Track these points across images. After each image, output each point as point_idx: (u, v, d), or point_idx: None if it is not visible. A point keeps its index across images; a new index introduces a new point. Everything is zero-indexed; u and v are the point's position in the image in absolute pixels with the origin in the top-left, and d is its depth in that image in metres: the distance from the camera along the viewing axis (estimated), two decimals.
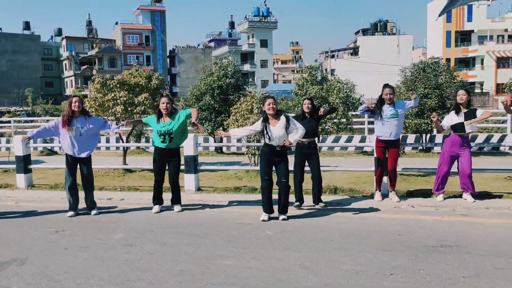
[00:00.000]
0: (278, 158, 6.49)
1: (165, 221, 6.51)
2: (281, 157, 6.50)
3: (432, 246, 5.15)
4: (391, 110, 7.30)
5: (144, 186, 9.54)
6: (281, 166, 6.52)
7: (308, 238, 5.52)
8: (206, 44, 75.82)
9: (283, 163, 6.51)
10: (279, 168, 6.54)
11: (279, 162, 6.51)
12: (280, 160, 6.50)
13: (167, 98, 6.89)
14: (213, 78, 14.08)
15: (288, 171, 6.54)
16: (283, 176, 6.49)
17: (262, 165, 6.60)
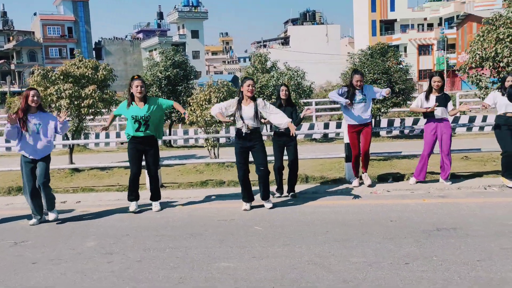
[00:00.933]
0: (251, 142, 6.20)
1: (139, 223, 5.93)
2: (254, 141, 6.21)
3: (430, 230, 5.04)
4: (359, 95, 7.19)
5: (99, 186, 8.79)
6: (257, 152, 6.24)
7: (302, 232, 5.22)
8: (134, 35, 73.10)
9: (258, 148, 6.23)
10: (255, 155, 6.29)
11: (253, 147, 6.23)
12: (255, 144, 6.21)
13: (141, 81, 6.26)
14: (159, 68, 13.34)
15: (265, 156, 6.27)
16: (260, 164, 6.24)
17: (236, 153, 6.35)
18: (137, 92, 6.18)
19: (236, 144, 6.34)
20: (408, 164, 9.33)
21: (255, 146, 6.23)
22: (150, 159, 6.49)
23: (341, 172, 9.00)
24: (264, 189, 6.33)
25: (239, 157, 6.31)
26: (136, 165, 6.45)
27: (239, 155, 6.30)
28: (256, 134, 6.24)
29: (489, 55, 8.87)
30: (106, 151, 14.92)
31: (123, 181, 9.15)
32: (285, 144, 6.93)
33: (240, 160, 6.30)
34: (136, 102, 6.25)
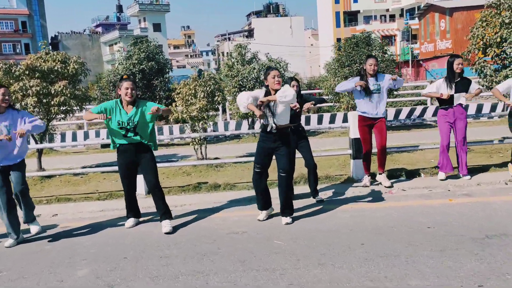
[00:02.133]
0: (276, 143, 5.31)
1: (137, 241, 5.02)
2: (280, 142, 5.31)
3: (480, 238, 4.41)
4: (374, 85, 6.51)
5: (75, 194, 7.76)
6: (281, 155, 5.35)
7: (334, 245, 4.48)
8: (92, 29, 70.28)
9: (283, 150, 5.33)
10: (278, 158, 5.39)
11: (278, 149, 5.34)
12: (279, 146, 5.32)
13: (131, 82, 5.27)
14: (133, 61, 12.28)
15: (289, 161, 5.42)
16: (281, 169, 5.36)
17: (256, 152, 5.46)
18: (126, 96, 5.20)
19: (259, 141, 5.46)
20: (410, 159, 8.77)
21: (280, 147, 5.34)
22: (146, 169, 5.49)
23: (342, 169, 8.35)
24: (283, 202, 5.41)
25: (258, 156, 5.41)
26: (127, 178, 5.51)
27: (258, 155, 5.41)
28: (283, 135, 5.35)
29: (494, 41, 8.38)
30: (74, 153, 13.71)
31: (102, 187, 8.17)
32: (297, 143, 6.17)
33: (258, 159, 5.39)
34: (124, 106, 5.31)
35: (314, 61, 66.19)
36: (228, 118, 16.72)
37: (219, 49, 72.70)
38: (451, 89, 6.68)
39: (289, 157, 5.41)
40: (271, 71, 5.24)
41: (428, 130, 13.45)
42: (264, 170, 5.42)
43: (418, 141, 10.43)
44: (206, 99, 8.63)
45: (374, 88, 6.52)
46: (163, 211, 5.44)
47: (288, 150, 5.39)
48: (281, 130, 5.27)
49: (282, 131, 5.29)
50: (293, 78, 6.30)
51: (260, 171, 5.40)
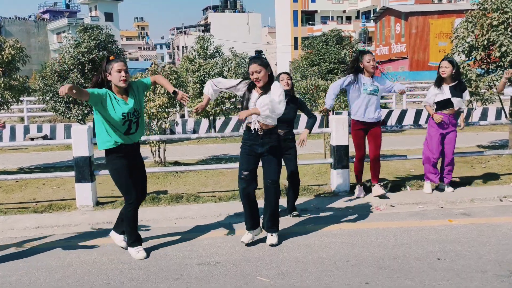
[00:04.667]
0: (263, 147, 4.37)
1: (79, 277, 3.93)
2: (267, 145, 4.37)
3: (504, 276, 3.68)
4: (371, 86, 5.73)
5: (7, 204, 6.52)
6: (268, 162, 4.43)
7: (332, 284, 3.61)
8: (39, 15, 66.38)
9: (271, 156, 4.41)
10: (265, 165, 4.47)
11: (265, 154, 4.41)
12: (267, 151, 4.39)
13: (124, 62, 4.14)
14: (82, 49, 10.94)
15: (278, 168, 4.47)
16: (268, 178, 4.44)
17: (240, 157, 4.51)
18: (121, 80, 4.06)
19: (243, 145, 4.49)
20: (389, 167, 8.10)
21: (268, 153, 4.42)
22: (140, 177, 4.42)
23: (318, 178, 7.56)
24: (269, 215, 4.53)
25: (244, 161, 4.45)
26: (135, 188, 4.30)
27: (243, 160, 4.46)
28: (271, 136, 4.41)
29: (481, 44, 7.82)
30: (12, 150, 12.12)
31: (41, 196, 6.96)
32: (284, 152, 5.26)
33: (245, 167, 4.43)
34: (117, 95, 4.16)
35: (270, 59, 65.72)
36: (186, 115, 15.60)
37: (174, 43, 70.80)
38: (443, 93, 6.02)
39: (279, 164, 4.48)
40: (252, 63, 4.27)
41: (397, 135, 12.97)
42: (252, 178, 4.44)
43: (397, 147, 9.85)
44: (167, 95, 7.55)
45: (371, 88, 5.73)
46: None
47: (278, 157, 4.46)
48: (267, 131, 4.36)
49: (269, 132, 4.37)
50: (285, 72, 5.37)
51: (247, 178, 4.41)
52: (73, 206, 6.15)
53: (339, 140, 6.42)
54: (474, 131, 12.43)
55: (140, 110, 4.26)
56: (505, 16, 7.63)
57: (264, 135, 4.34)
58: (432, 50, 40.65)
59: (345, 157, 6.45)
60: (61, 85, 11.07)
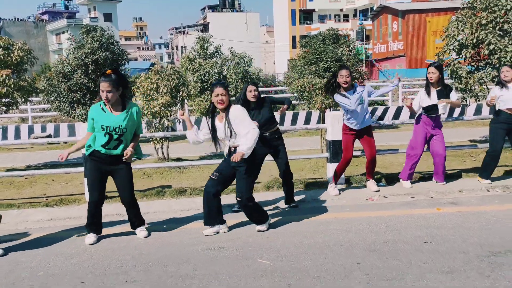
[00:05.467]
0: (236, 163, 4.64)
1: (95, 261, 4.27)
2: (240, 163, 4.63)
3: (484, 256, 4.02)
4: (355, 97, 5.97)
5: (19, 199, 6.86)
6: (239, 177, 4.74)
7: (326, 265, 3.95)
8: (38, 16, 66.63)
9: (242, 172, 4.69)
10: (237, 179, 4.80)
11: (237, 169, 4.72)
12: (238, 166, 4.68)
13: (107, 83, 4.39)
14: (85, 50, 11.25)
15: (248, 184, 4.74)
16: (239, 192, 4.75)
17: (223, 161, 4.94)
18: (104, 99, 4.43)
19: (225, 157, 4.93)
20: (383, 161, 8.43)
21: (240, 168, 4.71)
22: (122, 182, 4.75)
23: (314, 172, 7.89)
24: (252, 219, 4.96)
25: (220, 166, 4.93)
26: (97, 191, 4.68)
27: (222, 165, 4.93)
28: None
29: (470, 42, 8.15)
30: (18, 149, 12.47)
31: (51, 191, 7.28)
32: (273, 150, 5.61)
33: (219, 168, 4.87)
34: (109, 108, 4.50)
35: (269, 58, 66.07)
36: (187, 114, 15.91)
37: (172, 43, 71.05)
38: (430, 98, 6.32)
39: (248, 180, 4.73)
40: (215, 88, 4.59)
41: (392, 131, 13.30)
42: (219, 182, 4.80)
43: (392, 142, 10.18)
44: (170, 94, 7.88)
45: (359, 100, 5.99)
46: (136, 222, 4.94)
47: (248, 173, 4.72)
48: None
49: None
50: (251, 82, 5.57)
51: (216, 179, 4.79)
52: (82, 200, 6.48)
53: (334, 135, 6.74)
54: (467, 126, 12.75)
55: (126, 131, 4.51)
56: (493, 15, 7.95)
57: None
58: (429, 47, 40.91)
59: (340, 151, 6.77)
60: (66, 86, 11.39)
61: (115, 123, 4.46)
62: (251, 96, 5.47)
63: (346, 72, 5.91)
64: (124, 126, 4.49)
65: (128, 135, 4.60)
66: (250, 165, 4.73)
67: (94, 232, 4.80)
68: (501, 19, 7.89)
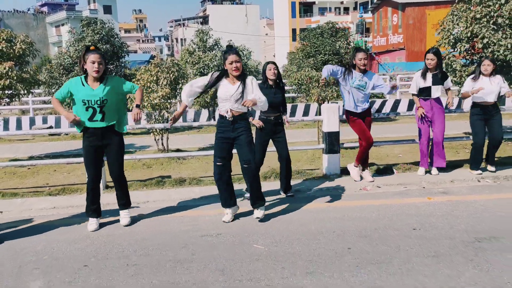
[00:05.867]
0: (234, 133, 4.86)
1: (97, 246, 4.46)
2: (239, 131, 4.86)
3: (470, 242, 4.20)
4: (360, 80, 6.19)
5: (22, 188, 7.04)
6: (241, 145, 4.88)
7: (319, 250, 4.13)
8: (37, 8, 66.54)
9: (243, 140, 4.86)
10: (239, 149, 4.93)
11: (237, 138, 4.88)
12: (239, 135, 4.86)
13: (99, 55, 4.62)
14: (86, 43, 11.40)
15: (251, 150, 4.91)
16: (245, 161, 4.89)
17: (215, 144, 5.00)
18: (93, 71, 4.58)
19: (217, 133, 4.98)
20: (379, 153, 8.62)
21: (240, 137, 4.88)
22: (111, 156, 4.94)
23: (311, 163, 8.07)
24: (254, 192, 5.02)
25: (218, 151, 4.96)
26: (94, 168, 4.88)
27: (218, 147, 4.96)
28: (242, 122, 4.90)
29: (465, 36, 8.30)
30: (20, 140, 12.66)
31: (53, 180, 7.46)
32: (273, 136, 5.78)
33: (218, 154, 4.94)
34: (89, 82, 4.69)
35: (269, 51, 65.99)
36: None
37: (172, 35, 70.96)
38: (425, 81, 6.51)
39: (251, 146, 4.91)
40: (229, 55, 4.72)
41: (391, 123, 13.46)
42: (226, 163, 4.97)
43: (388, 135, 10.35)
44: (169, 86, 8.04)
45: (359, 83, 6.19)
46: (123, 201, 5.15)
47: (249, 139, 4.90)
48: (238, 117, 4.85)
49: (239, 118, 4.86)
50: (271, 62, 5.81)
51: (222, 163, 4.94)
52: (84, 190, 6.63)
53: (330, 127, 6.91)
54: (463, 119, 12.90)
55: (107, 102, 4.66)
56: (487, 9, 8.09)
57: (235, 121, 4.82)
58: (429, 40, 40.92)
59: (336, 142, 6.95)
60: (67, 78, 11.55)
61: (95, 96, 4.62)
62: (271, 74, 5.69)
63: (363, 55, 6.15)
64: (104, 97, 4.65)
65: (111, 106, 4.74)
66: (250, 133, 4.92)
67: (94, 216, 4.98)
68: (495, 13, 8.03)
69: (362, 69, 6.16)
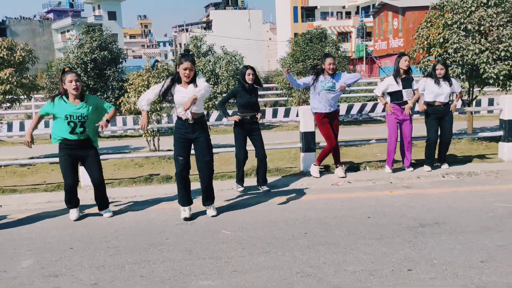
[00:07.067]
0: (195, 134, 5.21)
1: (83, 233, 5.00)
2: (198, 132, 5.21)
3: (414, 227, 4.70)
4: (328, 82, 6.73)
5: (21, 185, 7.60)
6: (200, 144, 5.24)
7: (278, 235, 4.65)
8: (43, 15, 67.57)
9: (203, 140, 5.23)
10: (198, 147, 5.28)
11: (198, 139, 5.24)
12: (199, 136, 5.22)
13: (74, 74, 5.20)
14: (85, 50, 12.00)
15: (211, 150, 5.35)
16: (205, 160, 5.27)
17: (176, 144, 5.30)
18: (72, 89, 5.14)
19: (176, 133, 5.28)
20: (358, 152, 9.12)
21: (199, 138, 5.24)
22: (91, 167, 5.48)
23: (293, 162, 8.57)
24: (207, 190, 5.41)
25: (178, 149, 5.26)
26: (71, 177, 5.42)
27: (178, 146, 5.26)
28: (201, 124, 5.27)
29: (437, 41, 8.80)
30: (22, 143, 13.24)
31: (50, 179, 8.02)
32: (250, 133, 6.32)
33: (179, 151, 5.27)
34: (70, 100, 5.23)
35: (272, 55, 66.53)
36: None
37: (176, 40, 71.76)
38: (397, 85, 7.00)
39: (210, 145, 5.33)
40: (184, 61, 5.01)
41: (378, 125, 13.94)
42: (187, 162, 5.33)
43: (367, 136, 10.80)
44: None
45: (328, 86, 6.72)
46: (103, 203, 5.66)
47: (207, 139, 5.29)
48: (197, 119, 5.19)
49: (198, 120, 5.20)
50: (248, 67, 6.32)
51: (182, 162, 5.28)
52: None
53: (306, 127, 7.43)
54: None
55: (87, 118, 5.22)
56: (458, 16, 8.59)
57: (195, 123, 5.16)
58: None
59: (312, 142, 7.47)
60: None
61: (77, 112, 5.17)
62: (249, 79, 6.19)
63: (331, 60, 6.73)
64: (85, 114, 5.21)
65: (90, 123, 5.28)
66: (208, 134, 5.31)
67: (74, 207, 5.54)
68: (465, 20, 8.53)
69: (330, 73, 6.69)
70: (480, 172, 7.10)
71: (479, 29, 8.47)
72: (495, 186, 6.32)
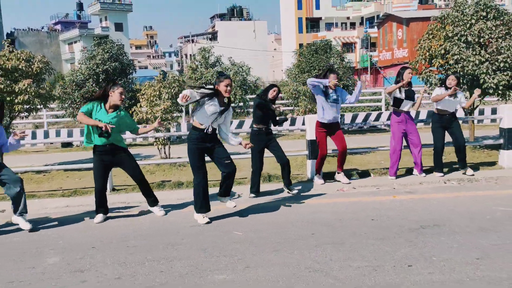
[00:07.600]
0: (211, 143, 5.57)
1: (103, 234, 5.31)
2: (214, 141, 5.60)
3: (416, 228, 4.98)
4: (333, 95, 7.08)
5: (39, 191, 7.92)
6: (218, 148, 5.59)
7: (287, 235, 4.94)
8: (51, 27, 68.59)
9: (219, 145, 5.63)
10: (217, 152, 5.59)
11: (213, 146, 5.58)
12: (214, 144, 5.58)
13: (123, 88, 5.71)
14: (96, 61, 12.40)
15: (226, 150, 5.68)
16: (225, 158, 5.58)
17: (192, 155, 5.56)
18: (119, 100, 5.58)
19: (191, 143, 5.53)
20: (362, 160, 9.39)
21: (215, 144, 5.60)
22: (128, 166, 5.93)
23: (299, 169, 8.86)
24: (227, 187, 5.73)
25: (196, 159, 5.53)
26: (101, 179, 5.80)
27: (196, 157, 5.53)
28: (215, 134, 5.66)
29: (438, 53, 9.12)
30: (34, 152, 13.66)
31: (66, 185, 8.35)
32: (268, 143, 6.74)
33: (197, 161, 5.54)
34: (106, 106, 5.61)
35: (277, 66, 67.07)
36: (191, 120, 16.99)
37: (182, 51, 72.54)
38: (400, 94, 7.32)
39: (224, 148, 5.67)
40: (224, 79, 5.43)
41: (381, 134, 14.22)
42: (205, 172, 5.61)
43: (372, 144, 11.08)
44: (171, 100, 8.94)
45: (334, 98, 7.06)
46: (152, 198, 6.08)
47: (222, 144, 5.69)
48: (214, 130, 5.57)
49: (214, 132, 5.60)
50: (275, 85, 6.84)
51: (202, 171, 5.56)
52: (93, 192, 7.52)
53: (312, 135, 7.73)
54: None
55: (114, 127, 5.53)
56: (459, 29, 8.91)
57: (212, 134, 5.54)
58: None
59: (318, 149, 7.76)
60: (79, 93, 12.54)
61: (107, 119, 5.54)
62: (273, 96, 6.74)
63: (334, 76, 7.03)
64: (113, 122, 5.57)
65: (115, 130, 5.60)
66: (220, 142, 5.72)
67: (102, 213, 5.85)
68: (465, 32, 8.85)
69: (333, 89, 7.05)
70: (480, 178, 7.37)
71: (479, 41, 8.78)
72: (494, 192, 6.58)
